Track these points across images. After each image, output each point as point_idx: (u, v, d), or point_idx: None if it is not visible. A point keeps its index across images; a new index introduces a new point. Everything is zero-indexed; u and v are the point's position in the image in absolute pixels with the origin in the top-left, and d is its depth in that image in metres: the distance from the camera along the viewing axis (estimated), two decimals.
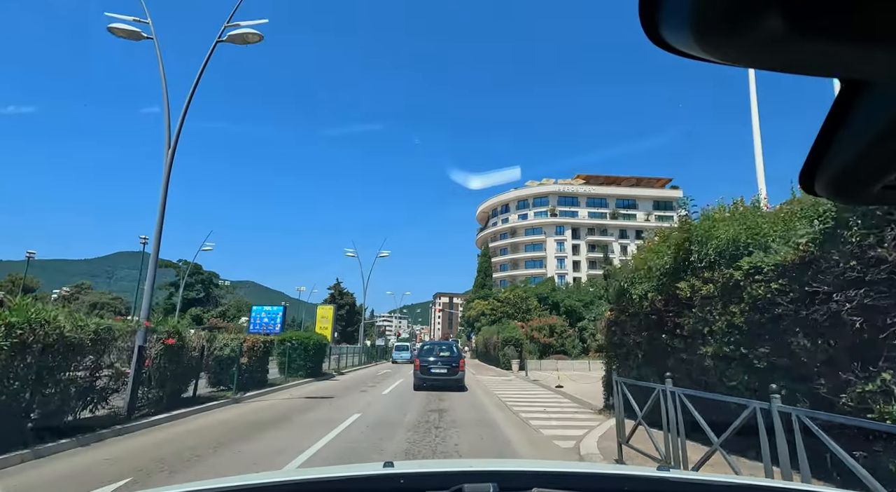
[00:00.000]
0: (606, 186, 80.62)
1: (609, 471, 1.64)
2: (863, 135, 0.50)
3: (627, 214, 79.35)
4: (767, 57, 0.42)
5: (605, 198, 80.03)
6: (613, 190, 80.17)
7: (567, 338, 30.50)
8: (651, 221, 79.22)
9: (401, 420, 9.11)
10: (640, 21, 0.45)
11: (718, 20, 0.39)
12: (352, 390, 15.01)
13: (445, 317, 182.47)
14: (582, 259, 77.23)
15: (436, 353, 15.23)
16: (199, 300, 53.92)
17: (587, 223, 78.32)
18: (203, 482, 1.44)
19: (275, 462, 5.79)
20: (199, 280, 54.63)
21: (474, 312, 45.76)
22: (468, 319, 47.77)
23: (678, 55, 0.46)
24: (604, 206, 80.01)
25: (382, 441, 7.12)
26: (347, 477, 1.58)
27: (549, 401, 13.01)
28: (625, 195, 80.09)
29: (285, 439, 7.18)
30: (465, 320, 49.29)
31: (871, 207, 4.04)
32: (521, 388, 16.66)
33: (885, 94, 0.47)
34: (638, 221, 78.68)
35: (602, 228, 78.43)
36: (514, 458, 6.31)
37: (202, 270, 54.92)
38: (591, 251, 77.31)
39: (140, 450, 6.33)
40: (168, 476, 5.13)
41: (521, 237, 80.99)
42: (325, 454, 6.26)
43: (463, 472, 1.53)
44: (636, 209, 79.77)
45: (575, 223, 78.35)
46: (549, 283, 50.54)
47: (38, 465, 5.56)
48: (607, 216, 78.86)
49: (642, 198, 79.85)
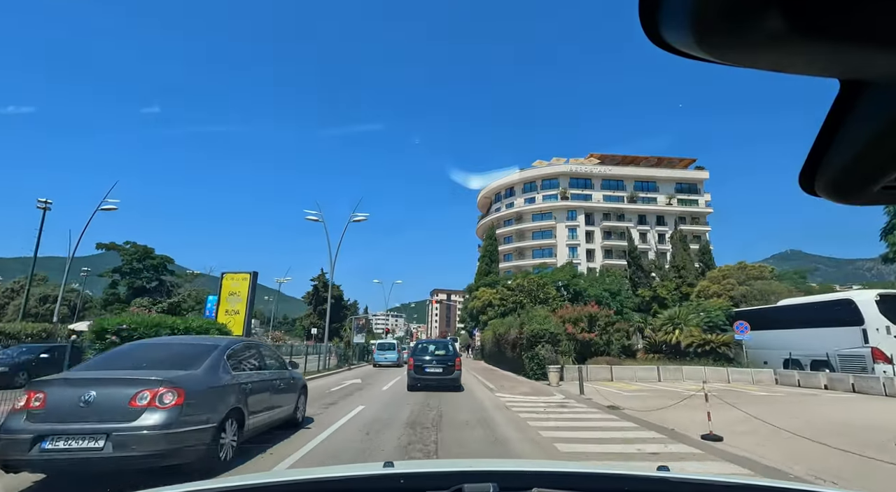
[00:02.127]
0: (623, 167, 72.16)
1: (609, 471, 1.62)
2: (863, 135, 0.51)
3: (647, 198, 70.83)
4: (767, 57, 0.42)
5: (623, 179, 71.53)
6: (631, 170, 71.67)
7: (615, 333, 21.84)
8: (674, 204, 70.96)
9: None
10: (640, 21, 0.45)
11: (718, 20, 0.39)
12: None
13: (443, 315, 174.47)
14: (597, 247, 68.76)
15: (431, 352, 14.67)
16: (148, 290, 44.99)
17: (602, 207, 69.83)
18: (203, 482, 1.46)
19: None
20: (150, 266, 45.74)
21: (479, 303, 37.08)
22: (471, 312, 39.06)
23: (678, 55, 0.46)
24: (621, 188, 71.51)
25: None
26: (347, 477, 1.58)
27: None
28: (644, 176, 71.59)
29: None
30: (468, 313, 40.53)
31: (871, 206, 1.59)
32: (625, 440, 7.77)
33: (885, 94, 0.47)
34: (659, 204, 70.37)
35: (619, 213, 69.93)
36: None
37: (153, 254, 45.99)
38: (608, 238, 68.87)
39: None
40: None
41: (528, 223, 72.41)
42: None
43: (463, 472, 1.53)
44: (657, 192, 71.30)
45: (589, 207, 69.84)
46: (569, 268, 41.92)
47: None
48: (625, 200, 70.39)
49: (663, 179, 71.38)
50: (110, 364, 5.32)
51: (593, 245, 69.10)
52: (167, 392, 4.60)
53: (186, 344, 6.15)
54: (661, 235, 68.57)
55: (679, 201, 70.09)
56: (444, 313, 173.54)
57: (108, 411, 4.41)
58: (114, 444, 4.26)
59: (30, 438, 4.23)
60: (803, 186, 0.61)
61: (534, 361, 17.21)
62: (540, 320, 18.04)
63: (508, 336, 22.54)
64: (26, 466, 4.33)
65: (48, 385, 4.62)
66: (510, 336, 21.99)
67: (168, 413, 4.51)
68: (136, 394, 4.52)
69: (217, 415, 5.06)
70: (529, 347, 17.66)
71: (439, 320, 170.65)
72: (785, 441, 6.74)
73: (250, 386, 5.93)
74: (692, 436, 7.12)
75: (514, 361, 21.13)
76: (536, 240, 70.98)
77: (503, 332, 24.65)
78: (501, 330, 25.30)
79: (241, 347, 6.33)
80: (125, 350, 5.93)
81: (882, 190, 0.57)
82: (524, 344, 18.16)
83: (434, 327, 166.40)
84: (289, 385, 7.36)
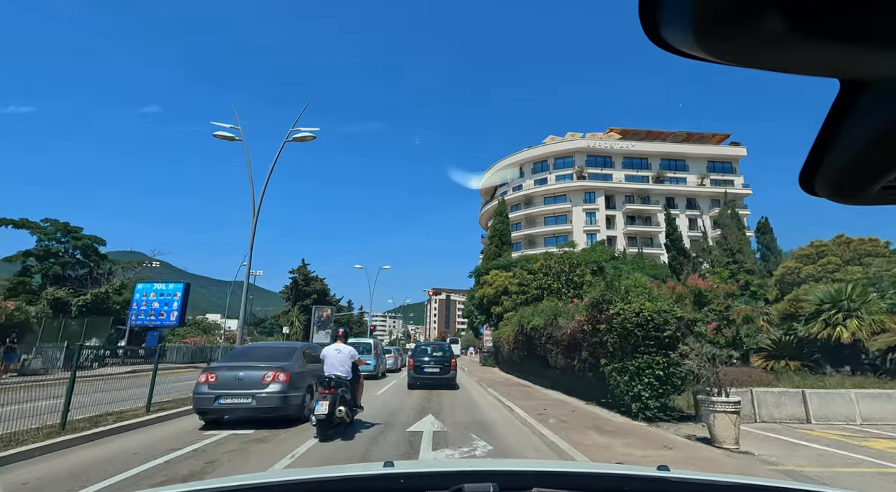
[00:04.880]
0: (648, 142, 63.09)
1: (609, 471, 1.59)
2: (863, 135, 0.50)
3: (675, 178, 61.84)
4: (767, 57, 0.42)
5: (647, 157, 62.56)
6: (657, 146, 62.70)
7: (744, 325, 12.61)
8: (706, 185, 62.01)
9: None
10: (640, 21, 0.45)
11: (719, 20, 0.39)
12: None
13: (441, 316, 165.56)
14: (618, 233, 59.74)
15: (429, 353, 15.47)
16: (70, 278, 35.59)
17: (624, 188, 60.86)
18: (203, 482, 1.45)
19: None
20: (76, 247, 36.39)
21: (491, 291, 27.90)
22: (479, 303, 29.79)
23: (678, 55, 0.46)
24: (645, 167, 62.57)
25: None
26: (347, 477, 1.56)
27: None
28: (671, 154, 62.62)
29: None
30: (475, 304, 31.22)
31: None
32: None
33: (885, 94, 0.47)
34: (689, 185, 61.40)
35: (643, 195, 60.97)
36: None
37: (80, 233, 36.64)
38: (631, 224, 59.90)
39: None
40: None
41: (539, 207, 63.32)
42: None
43: (463, 472, 1.51)
44: (686, 171, 62.32)
45: (609, 188, 60.87)
46: (601, 249, 32.93)
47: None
48: (650, 180, 61.45)
49: (694, 157, 62.38)
50: (242, 358, 8.81)
51: (615, 231, 60.06)
52: (280, 373, 8.11)
53: (281, 347, 9.88)
54: (691, 221, 59.76)
55: (712, 182, 61.06)
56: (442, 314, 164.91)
57: (251, 384, 7.94)
58: (256, 400, 7.85)
59: (213, 395, 7.87)
60: (803, 186, 0.61)
61: (639, 382, 8.02)
62: (646, 294, 8.79)
63: (554, 331, 13.36)
64: (211, 413, 8.02)
65: (217, 369, 8.26)
66: (559, 331, 12.79)
67: (282, 385, 8.02)
68: (265, 374, 8.05)
69: (304, 389, 8.61)
70: (623, 349, 8.44)
71: (438, 321, 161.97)
72: None
73: (313, 372, 8.93)
74: None
75: (571, 376, 11.91)
76: (549, 226, 61.88)
77: (534, 326, 15.49)
78: (532, 323, 16.13)
79: (307, 348, 9.81)
80: (244, 350, 9.90)
81: (882, 190, 0.56)
82: (612, 343, 8.89)
83: (433, 328, 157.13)
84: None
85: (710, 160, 62.55)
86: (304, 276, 59.09)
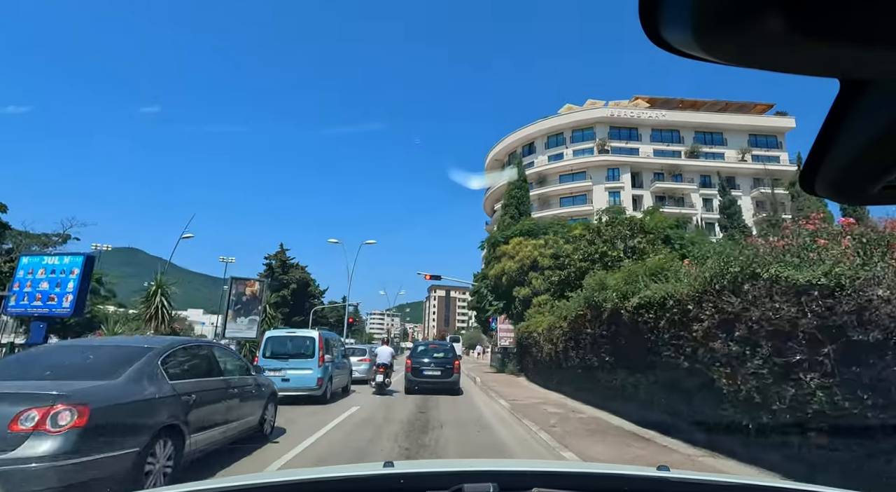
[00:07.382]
0: (680, 112, 54.92)
1: (609, 471, 1.60)
2: (863, 135, 0.51)
3: (711, 153, 53.70)
4: (767, 57, 0.42)
5: (679, 129, 54.50)
6: (690, 116, 54.59)
7: None
8: (748, 161, 53.89)
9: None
10: (640, 21, 0.45)
11: (719, 20, 0.39)
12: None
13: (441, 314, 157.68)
14: None
15: (429, 354, 14.35)
16: None
17: (653, 164, 52.79)
18: (203, 482, 1.42)
19: None
20: None
21: (514, 265, 19.76)
22: (496, 283, 21.45)
23: (678, 55, 0.46)
24: (676, 141, 54.50)
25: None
26: (347, 477, 1.54)
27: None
28: (707, 125, 54.49)
29: None
30: (490, 287, 22.81)
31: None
32: None
33: (885, 94, 0.47)
34: (727, 160, 53.27)
35: (675, 172, 52.89)
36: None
37: None
38: (661, 204, 51.74)
39: None
40: None
41: (555, 186, 55.22)
42: None
43: (463, 472, 1.50)
44: (724, 146, 54.22)
45: (635, 164, 52.78)
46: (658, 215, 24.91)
47: None
48: (682, 155, 53.39)
49: (732, 129, 54.26)
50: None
51: (642, 213, 51.93)
52: (64, 410, 3.41)
53: (114, 346, 5.08)
54: (731, 202, 51.72)
55: (754, 158, 52.92)
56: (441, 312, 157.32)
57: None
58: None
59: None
60: (804, 186, 0.61)
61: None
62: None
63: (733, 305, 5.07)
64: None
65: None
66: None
67: (62, 438, 3.34)
68: (20, 414, 3.32)
69: (141, 436, 3.93)
70: None
71: (437, 320, 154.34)
72: None
73: (195, 396, 4.81)
74: None
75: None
76: (566, 207, 53.63)
77: (669, 295, 7.34)
78: (653, 291, 7.95)
79: (184, 348, 5.24)
80: (34, 354, 5.12)
81: (882, 190, 0.56)
82: None
83: (432, 327, 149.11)
84: (252, 393, 6.29)
85: (752, 133, 54.40)
86: (282, 262, 50.88)
